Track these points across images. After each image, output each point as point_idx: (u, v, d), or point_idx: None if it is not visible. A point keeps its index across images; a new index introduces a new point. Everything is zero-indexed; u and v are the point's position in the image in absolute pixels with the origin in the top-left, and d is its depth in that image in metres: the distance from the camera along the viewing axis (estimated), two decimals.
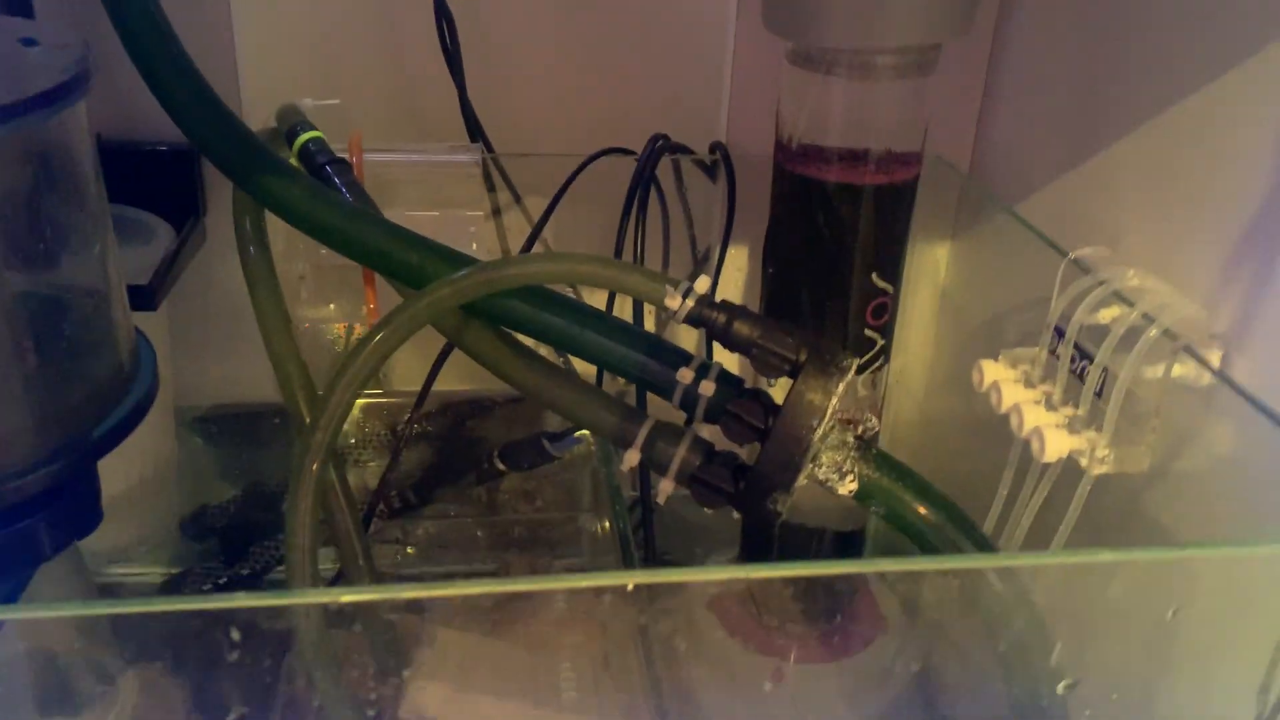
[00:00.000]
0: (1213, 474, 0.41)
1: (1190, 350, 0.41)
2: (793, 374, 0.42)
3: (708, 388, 0.43)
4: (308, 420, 0.48)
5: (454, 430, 0.60)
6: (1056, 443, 0.43)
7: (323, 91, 0.58)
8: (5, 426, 0.33)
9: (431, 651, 0.49)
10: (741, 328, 0.42)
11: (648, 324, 0.60)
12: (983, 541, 0.41)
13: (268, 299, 0.52)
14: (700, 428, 0.45)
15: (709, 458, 0.44)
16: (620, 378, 0.47)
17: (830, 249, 0.51)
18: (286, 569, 0.44)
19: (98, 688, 0.40)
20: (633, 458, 0.45)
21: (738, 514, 0.45)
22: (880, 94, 0.48)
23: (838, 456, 0.43)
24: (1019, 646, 0.36)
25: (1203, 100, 0.45)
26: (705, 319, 0.43)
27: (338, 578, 0.49)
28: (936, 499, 0.44)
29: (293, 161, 0.54)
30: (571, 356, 0.49)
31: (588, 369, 0.57)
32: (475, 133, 0.62)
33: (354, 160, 0.55)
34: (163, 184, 0.58)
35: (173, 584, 0.57)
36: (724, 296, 0.65)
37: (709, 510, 0.45)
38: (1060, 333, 0.46)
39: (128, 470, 0.54)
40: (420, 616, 0.46)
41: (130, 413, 0.37)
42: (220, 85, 0.50)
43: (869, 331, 0.53)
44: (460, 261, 0.46)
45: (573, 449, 0.60)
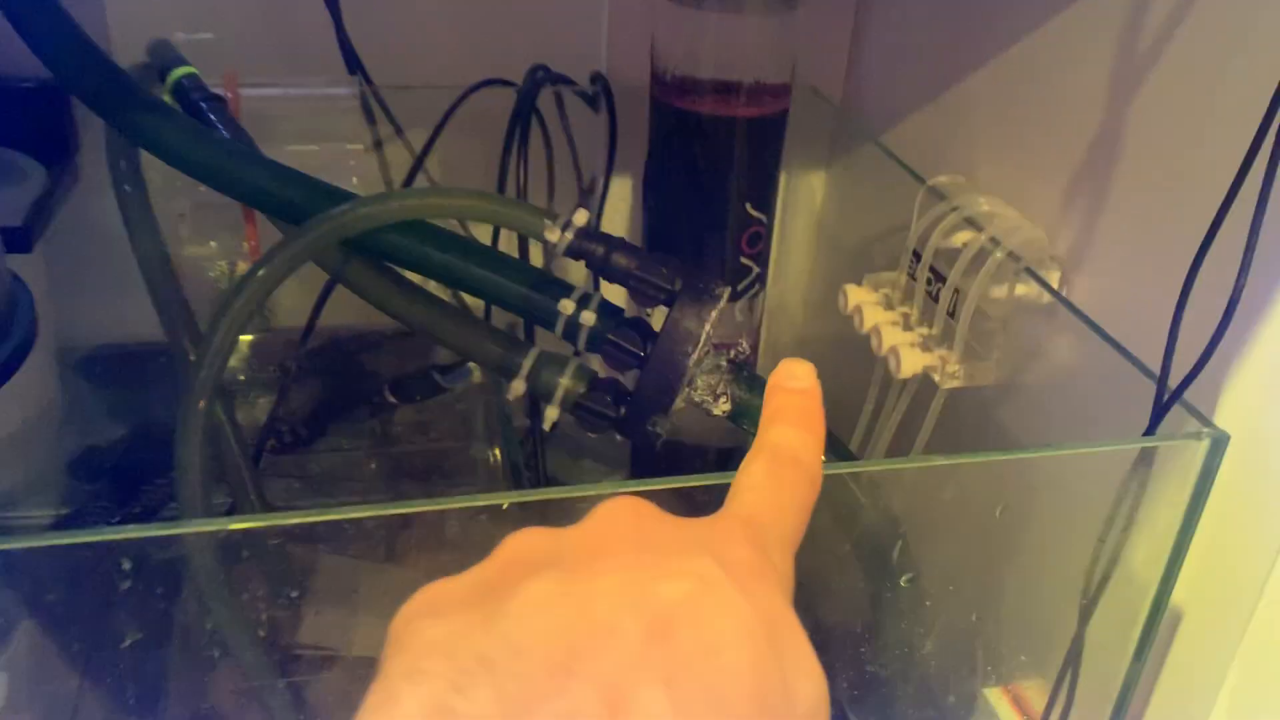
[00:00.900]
0: (1052, 383, 0.44)
1: (1031, 271, 0.44)
2: (669, 303, 0.44)
3: (588, 318, 0.45)
4: (192, 359, 0.48)
5: (344, 364, 0.61)
6: (911, 360, 0.46)
7: (194, 26, 0.57)
8: None
9: (327, 579, 0.50)
10: (619, 259, 0.44)
11: (534, 258, 0.61)
12: (844, 453, 0.44)
13: (145, 238, 0.51)
14: (584, 356, 0.47)
15: (592, 385, 0.46)
16: (506, 310, 0.48)
17: (705, 180, 0.53)
18: (178, 506, 0.45)
19: None
20: (518, 387, 0.46)
21: (621, 437, 0.47)
22: (749, 27, 0.50)
23: (712, 380, 0.45)
24: (870, 546, 0.39)
25: (1045, 36, 0.47)
26: (584, 251, 0.44)
27: (230, 511, 0.50)
28: None
29: (166, 99, 0.53)
30: (455, 290, 0.50)
31: (478, 303, 0.58)
32: (353, 65, 0.62)
33: (229, 96, 0.55)
34: (32, 122, 0.56)
35: (62, 525, 0.57)
36: (609, 228, 0.67)
37: (593, 435, 0.47)
38: (918, 256, 0.49)
39: (8, 414, 0.54)
40: (314, 547, 0.47)
41: (9, 357, 0.37)
42: (87, 21, 0.49)
43: (744, 259, 0.55)
44: (340, 197, 0.47)
45: (464, 380, 0.61)
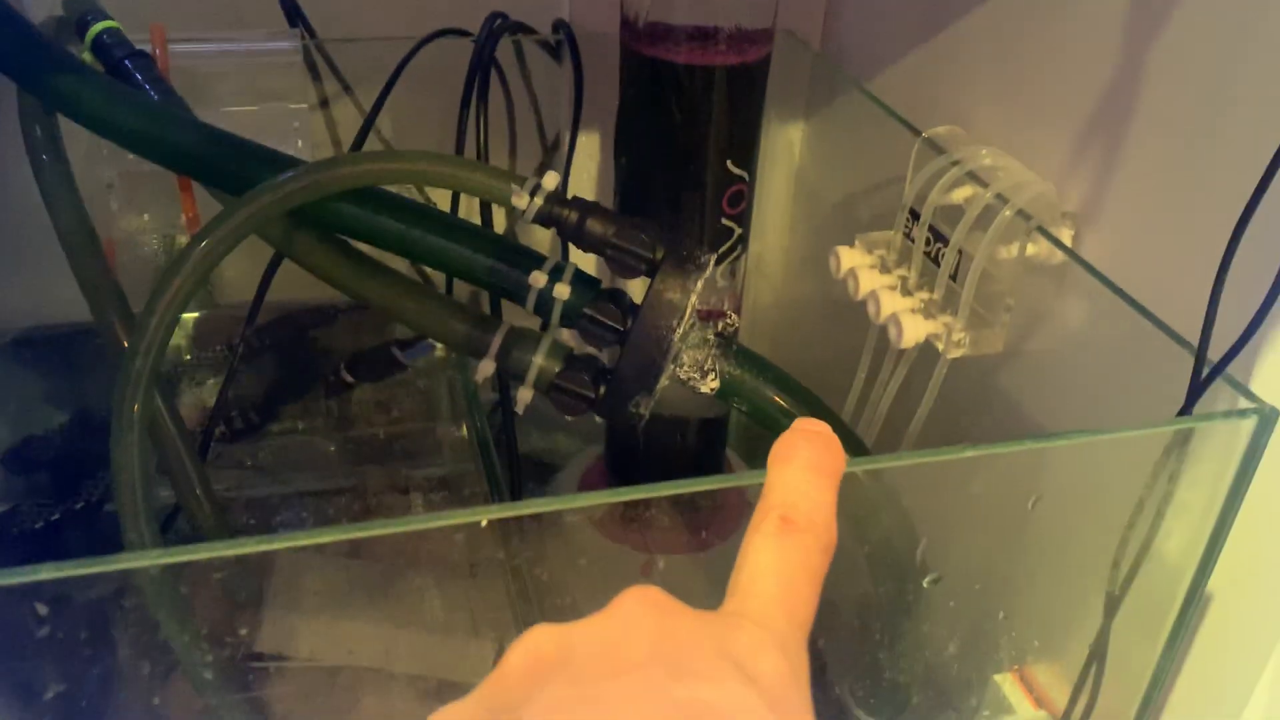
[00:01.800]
0: (1065, 352, 0.41)
1: (1043, 230, 0.41)
2: (650, 273, 0.41)
3: (562, 291, 0.41)
4: (125, 345, 0.44)
5: (296, 342, 0.57)
6: (914, 328, 0.43)
7: None
8: None
9: (285, 580, 0.47)
10: (595, 226, 0.40)
11: (498, 225, 0.57)
12: (846, 435, 0.41)
13: (68, 213, 0.47)
14: (558, 332, 0.43)
15: (568, 364, 0.42)
16: (470, 284, 0.44)
17: (683, 135, 0.49)
18: (117, 507, 0.41)
19: None
20: (487, 368, 0.43)
21: (599, 418, 0.44)
22: None
23: (699, 355, 0.42)
24: (886, 544, 0.36)
25: None
26: (556, 217, 0.41)
27: (176, 511, 0.46)
28: (799, 392, 0.43)
29: (86, 57, 0.48)
30: (414, 263, 0.46)
31: (439, 276, 0.54)
32: (294, 16, 0.57)
33: (157, 53, 0.50)
34: None
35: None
36: (576, 190, 0.62)
37: (570, 417, 0.43)
38: (915, 215, 0.45)
39: None
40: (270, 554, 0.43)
41: None
42: None
43: (726, 220, 0.51)
44: (284, 163, 0.43)
45: (426, 356, 0.58)
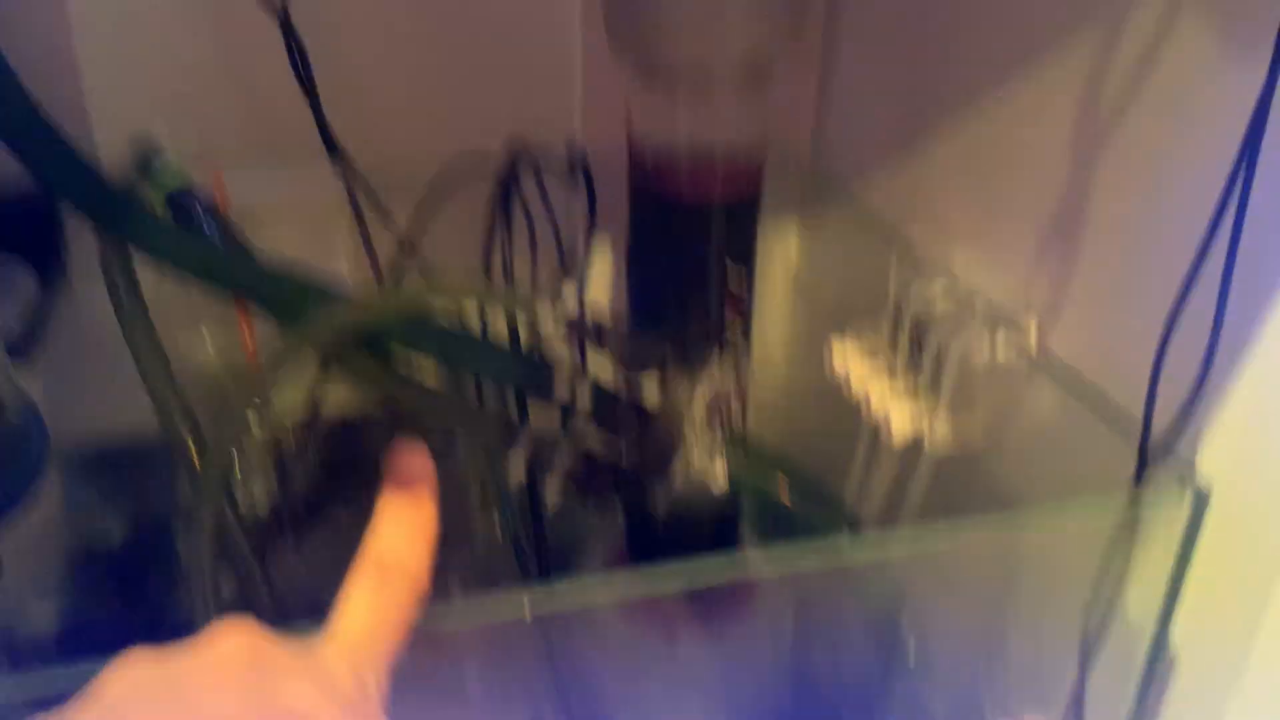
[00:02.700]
0: (1037, 441, 0.45)
1: (1009, 326, 0.45)
2: (660, 375, 0.46)
3: (580, 393, 0.46)
4: (196, 461, 0.49)
5: (342, 449, 0.62)
6: (902, 421, 0.47)
7: (177, 122, 0.58)
8: None
9: None
10: (608, 335, 0.45)
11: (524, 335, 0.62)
12: (842, 515, 0.45)
13: (142, 337, 0.52)
14: (578, 429, 0.48)
15: (588, 457, 0.47)
16: (499, 388, 0.49)
17: (685, 255, 0.54)
18: (189, 600, 0.45)
19: None
20: (516, 465, 0.47)
21: (620, 509, 0.48)
22: (721, 107, 0.51)
23: (706, 444, 0.47)
24: (877, 610, 0.40)
25: (1006, 91, 0.49)
26: (574, 329, 0.46)
27: (239, 602, 0.50)
28: (799, 476, 0.48)
29: (153, 199, 0.54)
30: (449, 372, 0.51)
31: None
32: (333, 148, 0.63)
33: (216, 193, 0.56)
34: (21, 229, 0.57)
35: (67, 633, 0.57)
36: (593, 297, 0.68)
37: (594, 508, 0.48)
38: (898, 312, 0.50)
39: (15, 521, 0.54)
40: None
41: (28, 468, 0.38)
42: (69, 117, 0.49)
43: (728, 325, 0.56)
44: (331, 291, 0.48)
45: (460, 458, 0.62)
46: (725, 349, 0.56)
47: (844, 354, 0.51)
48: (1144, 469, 0.37)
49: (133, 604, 0.57)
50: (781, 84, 0.55)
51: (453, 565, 0.63)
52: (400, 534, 0.29)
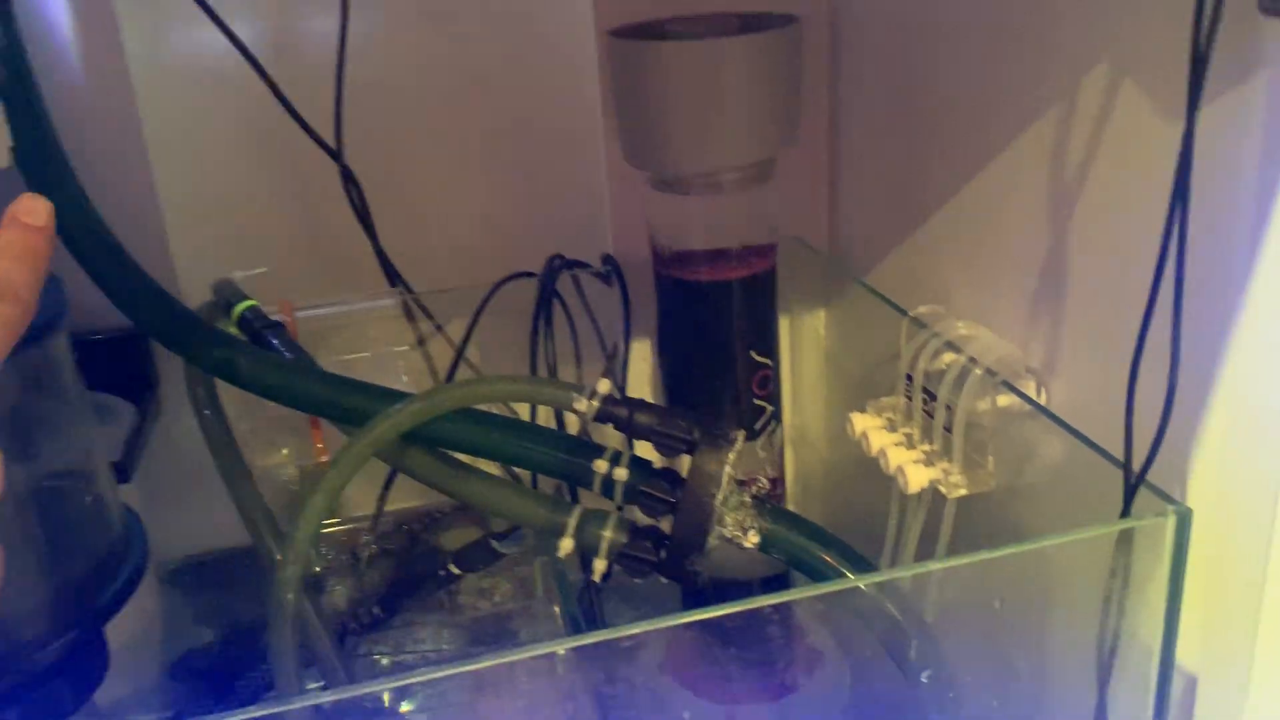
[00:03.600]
0: (1043, 482, 0.49)
1: (1008, 384, 0.49)
2: (691, 451, 0.49)
3: (621, 474, 0.50)
4: (277, 558, 0.54)
5: (409, 544, 0.67)
6: (917, 476, 0.51)
7: (250, 260, 0.65)
8: (27, 605, 0.39)
9: None
10: (641, 418, 0.50)
11: (570, 426, 0.67)
12: (867, 568, 0.48)
13: (227, 454, 0.58)
14: (622, 508, 0.52)
15: (633, 534, 0.50)
16: (548, 476, 0.54)
17: (710, 337, 0.59)
18: (277, 689, 0.50)
19: None
20: (567, 545, 0.51)
21: (665, 579, 0.51)
22: (730, 204, 0.57)
23: (739, 515, 0.50)
24: (890, 645, 0.43)
25: (990, 174, 0.54)
26: (610, 415, 0.50)
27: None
28: (827, 540, 0.51)
29: (233, 330, 0.60)
30: (502, 464, 0.56)
31: (525, 472, 0.64)
32: (392, 278, 0.69)
33: (287, 320, 0.62)
34: (118, 366, 0.64)
35: None
36: (636, 385, 0.73)
37: (639, 580, 0.51)
38: (910, 379, 0.54)
39: (117, 628, 0.60)
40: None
41: (130, 577, 0.43)
42: (155, 265, 0.56)
43: (757, 400, 0.60)
44: (393, 397, 0.53)
45: (519, 544, 0.66)
46: (756, 421, 0.60)
47: (861, 421, 0.55)
48: (1131, 496, 0.40)
49: (227, 704, 0.62)
50: (793, 178, 0.60)
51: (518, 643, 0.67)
52: (17, 263, 0.34)
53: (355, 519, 0.67)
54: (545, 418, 0.67)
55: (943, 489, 0.51)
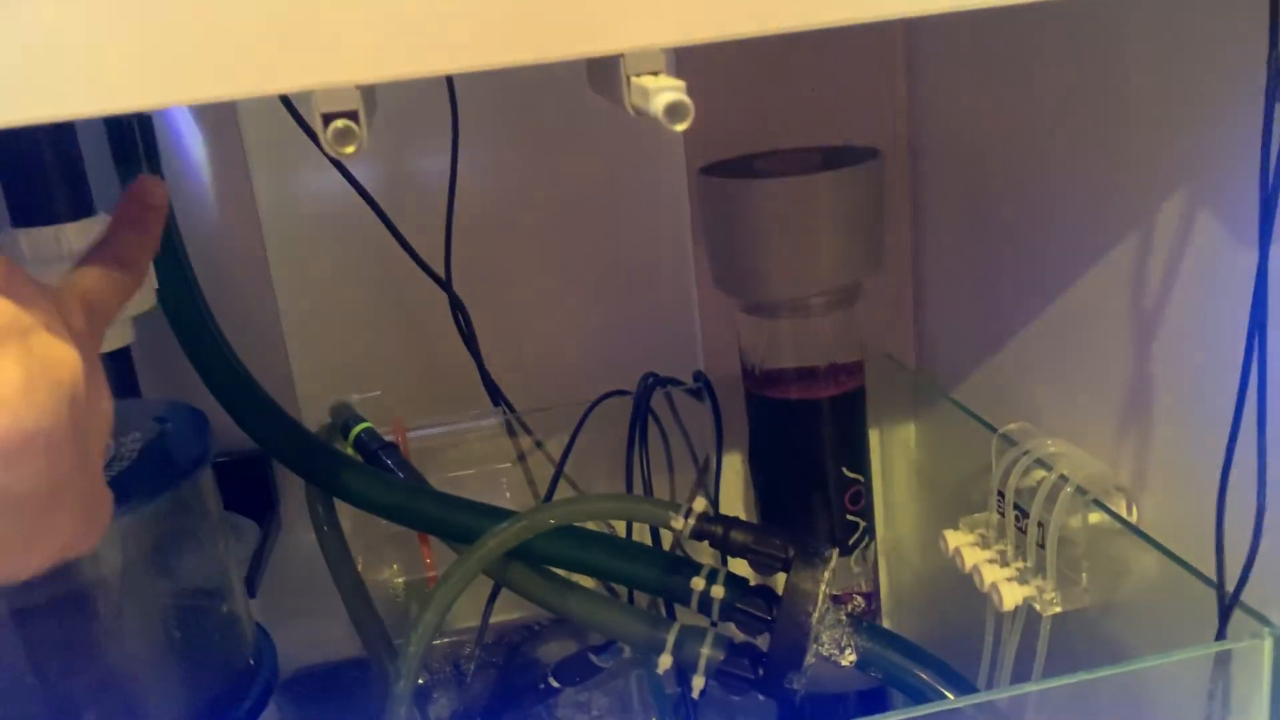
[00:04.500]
0: (1136, 600, 0.49)
1: (1098, 502, 0.50)
2: (786, 569, 0.51)
3: (718, 591, 0.52)
4: (390, 670, 0.56)
5: (510, 656, 0.68)
6: (1011, 593, 0.51)
7: (365, 384, 0.69)
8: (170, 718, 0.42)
9: None
10: (736, 536, 0.51)
11: (666, 542, 0.69)
12: (966, 687, 0.49)
13: (343, 570, 0.61)
14: (719, 626, 0.53)
15: (730, 651, 0.52)
16: (646, 593, 0.55)
17: (801, 454, 0.60)
18: None
19: None
20: (665, 661, 0.53)
21: (763, 697, 0.52)
22: (818, 326, 0.59)
23: (836, 633, 0.51)
24: None
25: (1077, 293, 0.55)
26: (706, 533, 0.52)
27: None
28: (925, 658, 0.51)
29: (349, 451, 0.64)
30: (600, 580, 0.58)
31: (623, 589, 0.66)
32: (496, 398, 0.73)
33: (399, 441, 0.66)
34: (243, 486, 0.68)
35: None
36: (728, 499, 0.74)
37: (737, 698, 0.52)
38: (1002, 496, 0.55)
39: None
40: None
41: (263, 691, 0.46)
42: (279, 389, 0.60)
43: (850, 516, 0.62)
44: (498, 514, 0.56)
45: (617, 657, 0.68)
46: (849, 537, 0.61)
47: (954, 538, 0.56)
48: (1226, 617, 0.40)
49: None
50: (880, 298, 0.62)
51: None
52: (136, 236, 0.36)
53: (457, 631, 0.69)
54: (640, 532, 0.69)
55: (1037, 606, 0.51)
